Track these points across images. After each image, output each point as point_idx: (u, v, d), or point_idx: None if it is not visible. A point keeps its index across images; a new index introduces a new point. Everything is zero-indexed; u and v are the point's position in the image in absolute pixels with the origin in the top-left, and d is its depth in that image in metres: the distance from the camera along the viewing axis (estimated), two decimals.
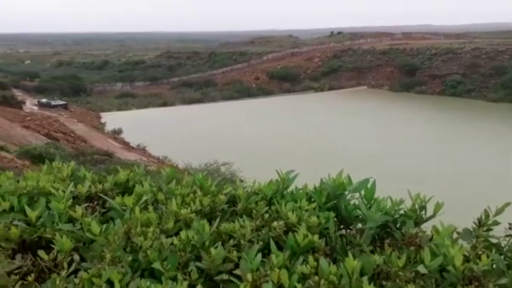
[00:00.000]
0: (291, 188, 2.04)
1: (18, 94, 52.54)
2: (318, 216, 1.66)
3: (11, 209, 1.71)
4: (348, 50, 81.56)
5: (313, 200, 1.89)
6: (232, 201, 1.98)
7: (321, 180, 2.03)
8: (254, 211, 1.75)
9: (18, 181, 2.06)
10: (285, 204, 1.73)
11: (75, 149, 20.58)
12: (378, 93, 64.36)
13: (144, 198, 1.77)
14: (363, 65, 74.82)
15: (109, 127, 42.35)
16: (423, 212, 1.85)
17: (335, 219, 1.78)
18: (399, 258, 1.46)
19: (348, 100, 58.91)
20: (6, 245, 1.49)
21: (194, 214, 1.69)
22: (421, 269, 1.44)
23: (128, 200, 1.73)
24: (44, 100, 50.97)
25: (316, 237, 1.49)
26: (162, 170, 2.30)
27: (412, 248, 1.62)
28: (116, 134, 39.29)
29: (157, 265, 1.32)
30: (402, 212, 1.85)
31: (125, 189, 2.06)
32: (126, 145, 33.66)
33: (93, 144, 26.02)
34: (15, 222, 1.61)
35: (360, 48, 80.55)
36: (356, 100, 58.07)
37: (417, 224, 1.81)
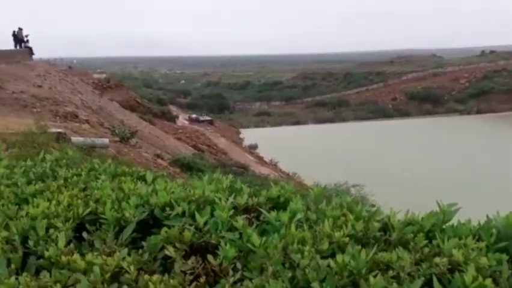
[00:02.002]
0: (451, 222, 1.88)
1: (173, 109, 59.43)
2: (487, 257, 1.50)
3: (183, 214, 1.91)
4: (501, 70, 72.95)
5: (478, 238, 1.71)
6: (384, 229, 1.90)
7: (488, 216, 1.84)
8: (411, 243, 1.65)
9: (185, 188, 2.31)
10: (448, 240, 1.60)
11: (217, 161, 22.31)
12: None
13: (298, 216, 1.82)
14: None
15: (246, 142, 45.16)
16: None
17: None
18: None
19: (501, 125, 52.16)
20: (180, 246, 1.67)
21: (348, 238, 1.67)
22: None
23: (284, 216, 1.79)
24: (193, 115, 57.48)
25: (488, 280, 1.34)
26: (310, 190, 2.35)
27: None
28: (252, 148, 41.69)
29: (315, 285, 1.34)
30: None
31: (277, 204, 2.15)
32: (260, 159, 35.33)
33: (232, 157, 27.88)
34: (186, 227, 1.80)
35: None
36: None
37: None
